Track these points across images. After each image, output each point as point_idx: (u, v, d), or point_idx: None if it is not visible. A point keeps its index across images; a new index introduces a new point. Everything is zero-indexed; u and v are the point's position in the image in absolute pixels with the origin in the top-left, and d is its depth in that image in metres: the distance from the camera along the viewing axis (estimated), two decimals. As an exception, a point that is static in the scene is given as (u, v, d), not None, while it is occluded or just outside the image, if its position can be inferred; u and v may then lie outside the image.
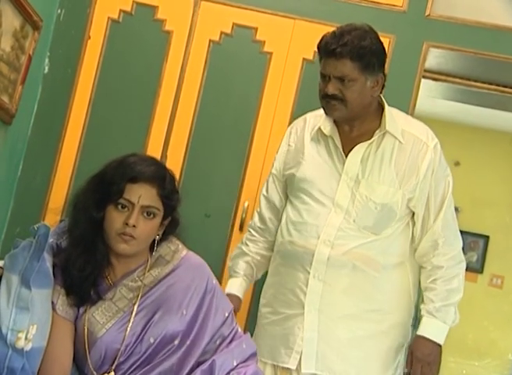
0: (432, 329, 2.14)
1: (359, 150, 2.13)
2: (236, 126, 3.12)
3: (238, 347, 1.84)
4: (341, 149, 2.15)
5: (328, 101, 2.08)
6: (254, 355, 1.88)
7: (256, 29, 3.14)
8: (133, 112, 3.14)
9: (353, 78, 2.03)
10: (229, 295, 2.16)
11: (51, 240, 1.77)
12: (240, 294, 2.28)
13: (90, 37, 3.16)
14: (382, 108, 2.16)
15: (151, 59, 3.15)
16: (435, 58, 3.20)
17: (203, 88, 3.13)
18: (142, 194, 1.74)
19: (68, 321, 1.76)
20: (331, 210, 2.13)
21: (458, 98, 4.24)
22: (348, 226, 2.12)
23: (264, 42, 3.13)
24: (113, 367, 1.73)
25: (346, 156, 2.14)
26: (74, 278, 1.75)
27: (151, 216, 1.76)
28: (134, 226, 1.72)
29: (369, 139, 2.13)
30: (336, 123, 2.18)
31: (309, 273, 2.13)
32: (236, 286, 2.28)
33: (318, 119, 2.22)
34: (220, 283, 2.03)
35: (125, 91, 3.15)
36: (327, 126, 2.17)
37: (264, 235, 2.31)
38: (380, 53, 2.08)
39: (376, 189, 2.10)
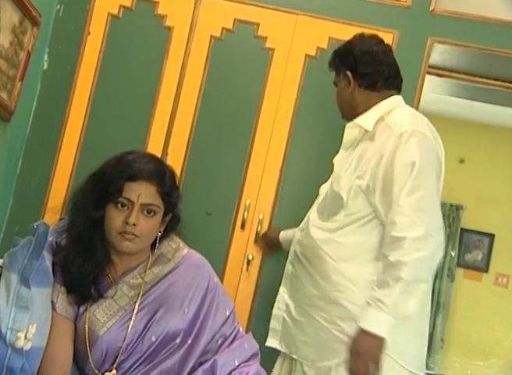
0: (367, 319, 2.02)
1: (344, 143, 2.35)
2: (237, 123, 3.10)
3: (240, 347, 1.84)
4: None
5: None
6: (255, 354, 1.88)
7: (258, 24, 3.12)
8: (134, 109, 3.12)
9: (336, 83, 2.39)
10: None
11: (50, 238, 1.77)
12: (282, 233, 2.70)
13: (89, 33, 3.14)
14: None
15: (152, 55, 3.13)
16: (439, 53, 3.18)
17: (204, 85, 3.11)
18: (141, 193, 1.74)
19: (68, 320, 1.76)
20: (319, 201, 2.38)
21: (463, 94, 4.22)
22: (316, 216, 2.32)
23: (266, 38, 3.11)
24: (114, 366, 1.72)
25: None
26: (74, 276, 1.75)
27: (152, 213, 1.76)
28: (134, 224, 1.72)
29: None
30: None
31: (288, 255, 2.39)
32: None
33: None
34: (221, 281, 2.02)
35: (125, 88, 3.13)
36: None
37: None
38: (343, 53, 2.34)
39: (338, 179, 2.26)
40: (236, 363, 1.79)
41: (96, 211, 1.74)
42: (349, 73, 2.30)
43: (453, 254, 5.60)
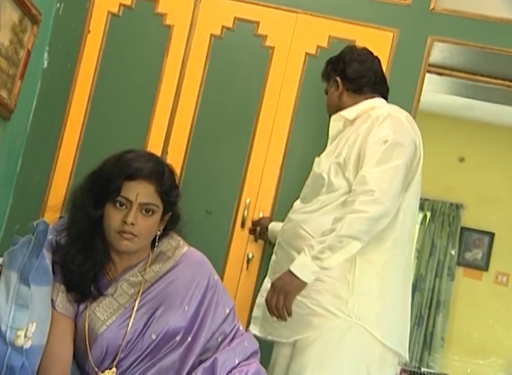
0: (295, 261, 2.14)
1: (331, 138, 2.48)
2: (237, 122, 3.10)
3: (240, 345, 1.84)
4: None
5: None
6: (255, 353, 1.87)
7: (258, 23, 3.11)
8: (134, 108, 3.12)
9: (326, 91, 2.55)
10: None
11: (50, 237, 1.76)
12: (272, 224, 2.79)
13: (89, 32, 3.13)
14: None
15: (152, 54, 3.13)
16: (439, 52, 3.17)
17: (204, 83, 3.11)
18: (140, 192, 1.73)
19: (68, 318, 1.76)
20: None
21: (463, 92, 4.22)
22: (298, 203, 2.44)
23: (266, 36, 3.11)
24: (114, 363, 1.72)
25: None
26: (74, 275, 1.75)
27: (150, 213, 1.75)
28: (133, 224, 1.72)
29: None
30: None
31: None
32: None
33: None
34: (222, 279, 2.02)
35: (125, 86, 3.13)
36: None
37: None
38: (334, 61, 2.51)
39: (319, 162, 2.40)
40: (237, 361, 1.79)
41: (95, 210, 1.74)
42: (338, 79, 2.46)
43: (453, 252, 5.60)
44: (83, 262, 1.74)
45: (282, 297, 2.12)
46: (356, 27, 3.05)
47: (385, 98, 2.48)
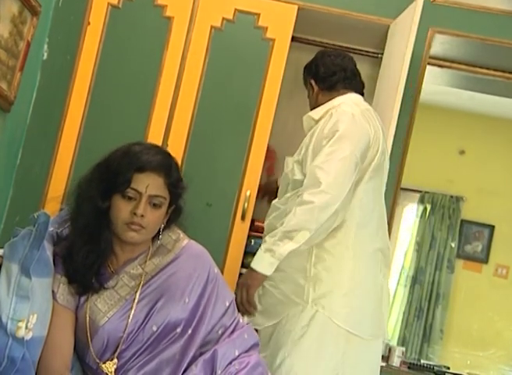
0: (255, 257, 2.27)
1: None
2: (237, 114, 3.10)
3: (240, 337, 1.84)
4: None
5: None
6: (256, 345, 1.88)
7: (258, 15, 3.11)
8: (134, 100, 3.12)
9: (308, 97, 2.63)
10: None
11: (51, 229, 1.76)
12: None
13: (89, 23, 3.13)
14: None
15: (152, 46, 3.13)
16: (440, 44, 3.17)
17: (204, 75, 3.10)
18: (149, 184, 1.74)
19: (68, 310, 1.76)
20: None
21: (464, 85, 4.21)
22: (276, 200, 2.50)
23: (267, 28, 3.10)
24: (115, 355, 1.73)
25: None
26: (78, 267, 1.75)
27: (158, 206, 1.76)
28: (142, 215, 1.72)
29: None
30: None
31: None
32: None
33: None
34: (222, 272, 2.02)
35: (125, 78, 3.12)
36: None
37: None
38: (308, 66, 2.60)
39: (286, 163, 2.49)
40: (237, 353, 1.80)
41: (103, 202, 1.74)
42: (312, 81, 2.56)
43: (452, 245, 5.59)
44: (88, 255, 1.75)
45: (245, 291, 2.26)
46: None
47: (361, 93, 2.56)
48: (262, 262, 2.23)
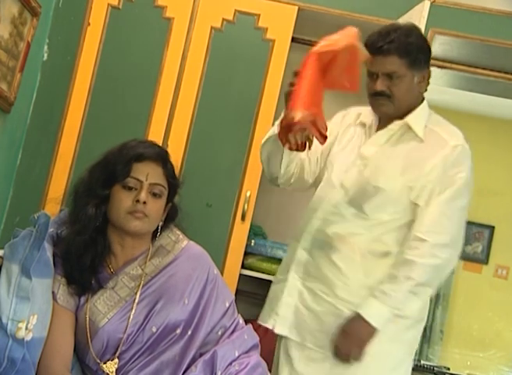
0: (368, 308, 2.05)
1: (378, 137, 2.17)
2: (237, 115, 3.10)
3: (239, 338, 1.84)
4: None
5: (376, 99, 2.13)
6: (256, 346, 1.88)
7: (258, 15, 3.11)
8: (134, 100, 3.12)
9: (401, 74, 2.07)
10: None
11: (51, 229, 1.76)
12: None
13: (89, 24, 3.13)
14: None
15: (152, 46, 3.13)
16: (440, 45, 3.16)
17: (204, 76, 3.11)
18: (149, 172, 1.76)
19: (69, 311, 1.76)
20: (335, 188, 2.19)
21: (463, 85, 4.20)
22: (343, 205, 2.16)
23: (267, 29, 3.11)
24: (116, 355, 1.73)
25: None
26: (75, 267, 1.75)
27: (158, 195, 1.78)
28: (145, 202, 1.73)
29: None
30: (380, 117, 2.22)
31: (299, 242, 2.21)
32: None
33: (362, 110, 2.27)
34: (222, 273, 2.02)
35: (125, 79, 3.13)
36: (369, 118, 2.22)
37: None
38: (426, 49, 2.14)
39: (378, 174, 2.13)
40: (237, 354, 1.79)
41: (102, 196, 1.75)
42: (428, 72, 2.17)
43: (453, 246, 5.60)
44: (85, 255, 1.75)
45: (357, 347, 2.04)
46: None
47: None
48: (382, 318, 2.04)
